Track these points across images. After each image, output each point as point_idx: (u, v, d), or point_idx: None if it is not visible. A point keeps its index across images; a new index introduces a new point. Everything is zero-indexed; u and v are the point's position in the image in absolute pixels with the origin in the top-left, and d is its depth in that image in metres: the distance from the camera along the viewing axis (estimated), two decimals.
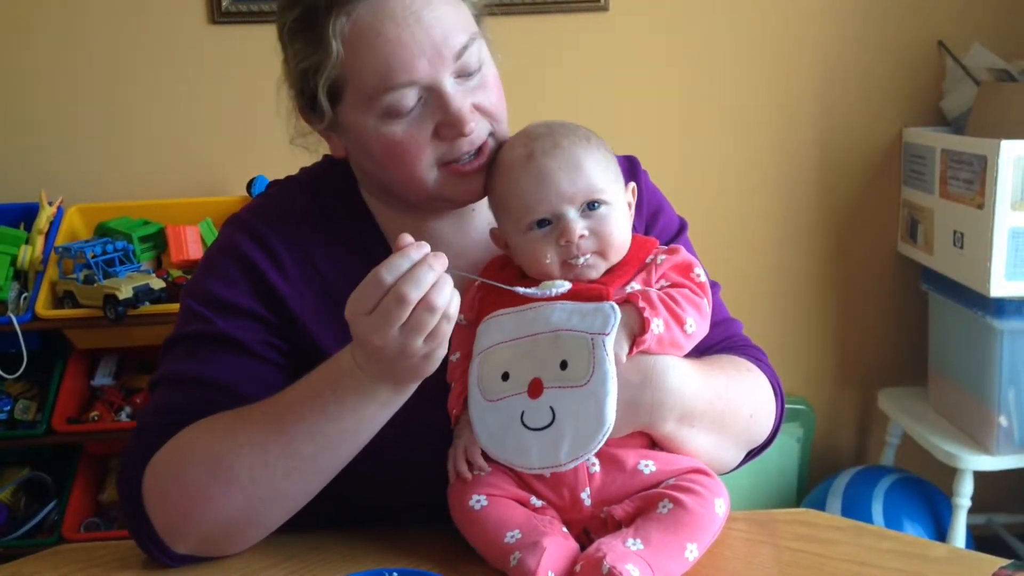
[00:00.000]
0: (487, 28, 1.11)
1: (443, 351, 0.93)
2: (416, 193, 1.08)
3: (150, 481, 1.01)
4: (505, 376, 0.99)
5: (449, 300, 0.90)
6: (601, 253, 1.02)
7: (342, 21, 1.00)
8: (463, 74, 1.04)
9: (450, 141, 1.04)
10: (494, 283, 1.00)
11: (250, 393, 1.04)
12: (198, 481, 0.99)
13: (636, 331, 0.96)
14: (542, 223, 1.01)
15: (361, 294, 0.90)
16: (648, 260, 1.04)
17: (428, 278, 0.88)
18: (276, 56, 1.11)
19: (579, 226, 1.00)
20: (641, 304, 0.97)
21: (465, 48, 1.03)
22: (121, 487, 1.05)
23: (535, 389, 0.97)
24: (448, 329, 0.91)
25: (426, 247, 0.91)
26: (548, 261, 1.01)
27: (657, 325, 0.96)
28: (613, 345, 0.95)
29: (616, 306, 0.97)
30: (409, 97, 1.01)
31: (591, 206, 1.01)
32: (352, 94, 1.03)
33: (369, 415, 0.98)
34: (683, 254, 1.06)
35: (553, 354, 0.97)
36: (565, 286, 0.99)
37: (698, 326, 1.01)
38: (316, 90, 1.04)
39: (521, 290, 0.98)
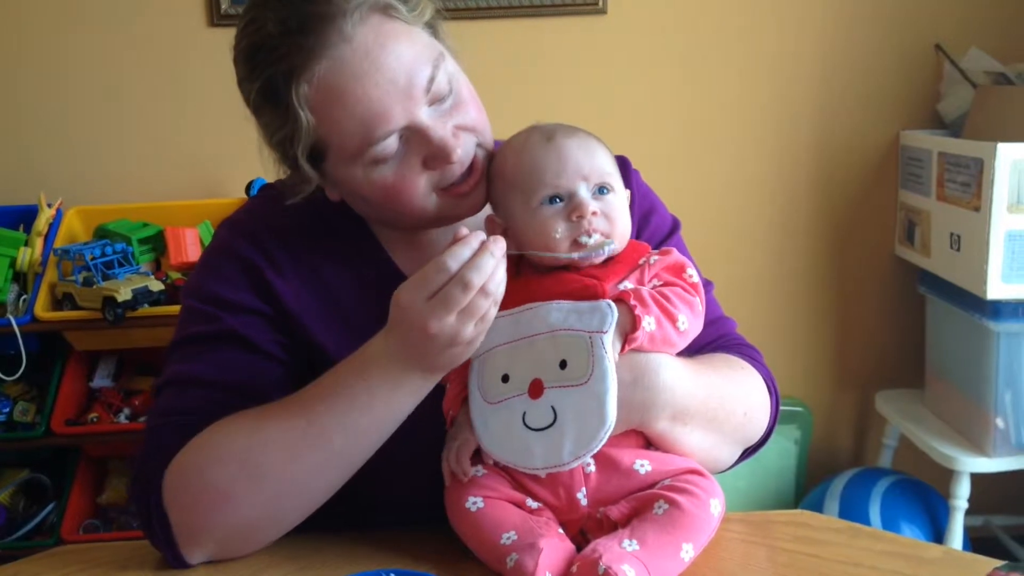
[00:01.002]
0: (446, 36, 1.10)
1: (483, 337, 0.97)
2: (418, 221, 1.08)
3: (172, 482, 1.01)
4: (505, 378, 0.99)
5: (501, 285, 0.94)
6: (608, 236, 1.03)
7: (304, 88, 0.99)
8: (436, 100, 1.03)
9: (441, 168, 1.04)
10: (544, 254, 1.02)
11: (259, 390, 1.04)
12: (225, 479, 0.99)
13: (628, 329, 0.97)
14: (554, 200, 1.02)
15: (422, 281, 0.93)
16: (641, 262, 1.05)
17: (489, 265, 0.92)
18: None
19: (592, 204, 1.02)
20: (632, 302, 0.98)
21: (432, 79, 1.02)
22: (137, 491, 1.04)
23: (535, 389, 0.97)
24: (495, 313, 0.95)
25: (482, 235, 0.94)
26: (558, 236, 1.02)
27: (648, 323, 0.97)
28: (611, 344, 0.96)
29: (613, 304, 0.98)
30: (391, 143, 1.01)
31: (601, 190, 1.04)
32: (334, 153, 1.03)
33: (398, 404, 0.99)
34: (675, 255, 1.07)
35: (552, 354, 0.98)
36: (612, 244, 1.02)
37: (691, 323, 1.02)
38: (296, 158, 1.03)
39: (576, 255, 1.01)
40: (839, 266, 2.80)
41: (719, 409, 1.05)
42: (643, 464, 0.99)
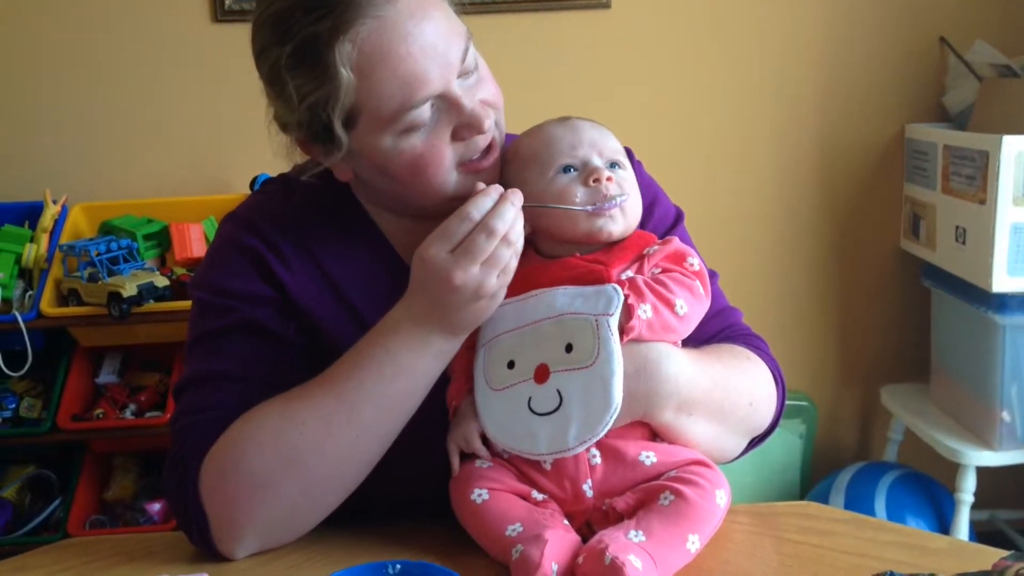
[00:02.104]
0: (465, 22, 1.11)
1: (504, 292, 0.99)
2: (434, 200, 1.08)
3: (208, 477, 1.01)
4: (511, 364, 1.00)
5: (521, 235, 0.97)
6: (621, 205, 1.04)
7: (347, 48, 0.98)
8: (465, 74, 1.05)
9: (468, 140, 1.05)
10: (556, 206, 1.03)
11: (282, 378, 1.04)
12: (262, 467, 0.99)
13: (623, 319, 0.97)
14: (568, 169, 1.05)
15: (445, 234, 0.96)
16: (645, 252, 1.05)
17: (511, 213, 0.96)
18: None
19: (607, 171, 1.04)
20: (626, 291, 0.98)
21: (466, 52, 1.04)
22: (172, 492, 1.04)
23: (541, 374, 0.98)
24: (515, 265, 0.98)
25: (500, 188, 0.98)
26: (577, 200, 1.03)
27: (644, 311, 0.97)
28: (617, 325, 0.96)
29: (619, 288, 0.98)
30: (425, 111, 1.02)
31: (613, 165, 1.06)
32: (368, 118, 1.03)
33: (423, 370, 1.00)
34: (676, 244, 1.07)
35: (558, 338, 0.98)
36: (626, 196, 1.04)
37: (691, 307, 1.01)
38: (329, 122, 1.02)
39: (590, 208, 1.02)
40: (844, 260, 2.80)
41: (725, 399, 1.05)
42: (648, 455, 0.99)
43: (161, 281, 2.25)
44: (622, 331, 0.97)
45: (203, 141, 2.61)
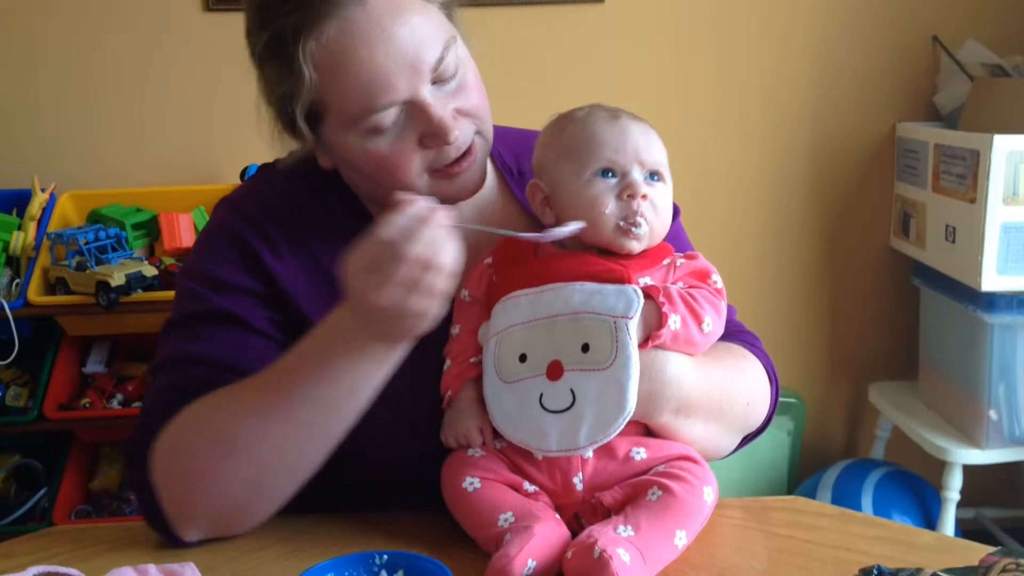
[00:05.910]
0: (461, 21, 1.09)
1: (440, 309, 0.92)
2: None
3: (157, 461, 1.01)
4: (523, 358, 0.99)
5: (451, 257, 0.89)
6: (651, 224, 1.02)
7: (311, 46, 0.98)
8: (440, 80, 1.02)
9: (436, 149, 1.03)
10: (503, 231, 1.02)
11: (254, 369, 1.03)
12: (203, 454, 0.99)
13: (653, 325, 0.97)
14: (607, 173, 1.02)
15: (359, 251, 0.90)
16: (666, 262, 1.05)
17: (425, 235, 0.88)
18: None
19: (644, 188, 1.02)
20: (660, 299, 0.97)
21: (441, 59, 1.01)
22: (131, 473, 1.04)
23: (555, 371, 0.97)
24: (447, 286, 0.90)
25: (425, 202, 0.90)
26: (607, 212, 1.01)
27: (674, 321, 0.97)
28: (636, 330, 0.96)
29: (639, 290, 0.97)
30: (390, 115, 1.00)
31: (653, 176, 1.04)
32: (332, 117, 1.02)
33: (364, 375, 0.97)
34: (701, 261, 1.07)
35: (573, 336, 0.97)
36: (576, 225, 1.00)
37: (715, 326, 1.02)
38: (293, 116, 1.02)
39: (535, 236, 1.00)
40: (834, 257, 2.81)
41: (723, 400, 1.05)
42: (639, 451, 0.98)
43: (149, 271, 2.24)
44: (647, 336, 0.96)
45: (193, 131, 2.60)
